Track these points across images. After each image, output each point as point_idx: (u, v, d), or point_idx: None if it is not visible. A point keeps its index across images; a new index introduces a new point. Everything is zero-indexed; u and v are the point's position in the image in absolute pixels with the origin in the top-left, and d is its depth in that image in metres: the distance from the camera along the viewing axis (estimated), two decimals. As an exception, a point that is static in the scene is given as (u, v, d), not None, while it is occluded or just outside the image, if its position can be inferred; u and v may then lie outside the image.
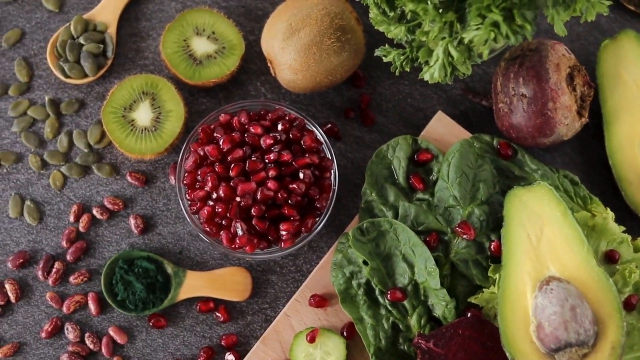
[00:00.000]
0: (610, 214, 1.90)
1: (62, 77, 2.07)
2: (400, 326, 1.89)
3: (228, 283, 2.01)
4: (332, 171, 1.98)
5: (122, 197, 2.04)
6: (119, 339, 1.98)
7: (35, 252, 2.00)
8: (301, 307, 1.96)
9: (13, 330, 1.96)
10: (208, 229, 1.94)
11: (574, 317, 1.76)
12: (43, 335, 1.97)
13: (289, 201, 1.92)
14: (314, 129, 1.99)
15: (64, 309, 1.98)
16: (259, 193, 1.91)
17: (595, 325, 1.77)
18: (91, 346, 1.97)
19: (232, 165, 1.92)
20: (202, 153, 1.95)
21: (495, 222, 1.94)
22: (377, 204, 1.97)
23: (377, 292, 1.92)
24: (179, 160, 1.97)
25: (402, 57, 1.87)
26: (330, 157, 1.98)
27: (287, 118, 1.96)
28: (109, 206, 2.03)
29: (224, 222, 1.93)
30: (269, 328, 1.97)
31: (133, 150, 2.01)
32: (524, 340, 1.77)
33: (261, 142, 1.94)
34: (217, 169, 1.93)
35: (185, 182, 1.95)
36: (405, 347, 1.88)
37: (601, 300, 1.79)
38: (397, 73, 1.89)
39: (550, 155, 2.03)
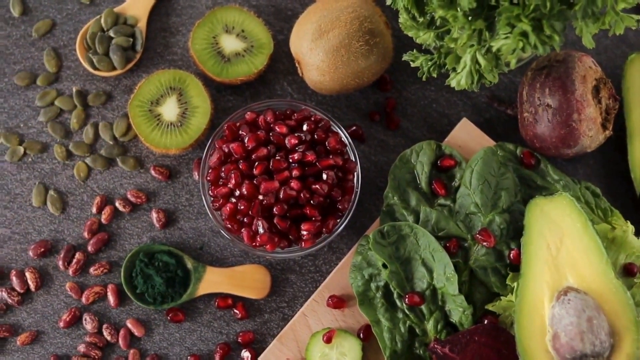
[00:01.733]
0: (630, 227, 1.90)
1: (90, 69, 2.09)
2: (417, 330, 1.91)
3: (247, 280, 2.02)
4: (355, 173, 1.98)
5: (145, 190, 2.06)
6: (137, 331, 2.00)
7: (57, 242, 2.03)
8: (319, 307, 1.97)
9: (31, 319, 1.99)
10: (229, 226, 1.95)
11: (590, 328, 1.77)
12: (61, 324, 1.99)
13: (311, 201, 1.92)
14: (339, 131, 2.00)
15: (83, 299, 2.00)
16: (281, 192, 1.91)
17: (611, 337, 1.77)
18: (108, 337, 1.99)
19: (256, 163, 1.93)
20: (226, 150, 1.95)
21: (515, 230, 1.95)
22: (398, 207, 1.98)
23: (395, 295, 1.93)
24: (204, 156, 1.98)
25: (429, 63, 1.89)
26: (353, 160, 1.99)
27: (312, 119, 1.98)
28: (132, 199, 2.05)
29: (245, 220, 1.94)
30: (286, 327, 1.98)
31: (158, 144, 2.02)
32: (540, 349, 1.77)
33: (286, 141, 1.94)
34: (241, 167, 1.93)
35: (208, 178, 1.96)
36: (421, 351, 1.90)
37: (618, 313, 1.79)
38: (424, 78, 1.91)
39: (573, 166, 2.04)
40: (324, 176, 1.94)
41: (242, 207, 1.93)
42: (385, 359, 1.90)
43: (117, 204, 2.04)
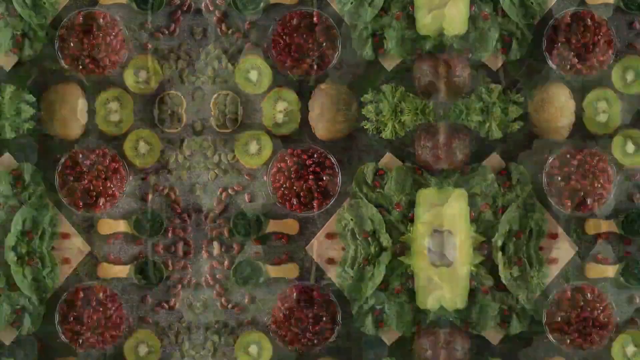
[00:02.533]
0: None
1: (217, 129, 2.82)
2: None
3: (288, 227, 2.86)
4: (338, 177, 2.77)
5: (242, 185, 2.84)
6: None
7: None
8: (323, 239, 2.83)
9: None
10: (280, 201, 2.76)
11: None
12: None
13: (318, 190, 2.73)
14: (331, 157, 2.76)
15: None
16: (304, 186, 2.73)
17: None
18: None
19: (292, 172, 2.73)
20: (279, 166, 2.73)
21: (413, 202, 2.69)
22: (358, 194, 2.76)
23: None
24: (268, 169, 2.76)
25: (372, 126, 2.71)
26: (337, 171, 2.78)
27: (318, 152, 2.70)
28: (237, 188, 2.81)
29: (288, 197, 2.74)
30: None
31: (248, 163, 2.81)
32: (423, 258, 2.72)
33: (306, 162, 2.72)
34: (285, 174, 2.72)
35: (271, 179, 2.75)
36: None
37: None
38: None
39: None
40: (325, 177, 2.74)
41: (286, 192, 2.75)
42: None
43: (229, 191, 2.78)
